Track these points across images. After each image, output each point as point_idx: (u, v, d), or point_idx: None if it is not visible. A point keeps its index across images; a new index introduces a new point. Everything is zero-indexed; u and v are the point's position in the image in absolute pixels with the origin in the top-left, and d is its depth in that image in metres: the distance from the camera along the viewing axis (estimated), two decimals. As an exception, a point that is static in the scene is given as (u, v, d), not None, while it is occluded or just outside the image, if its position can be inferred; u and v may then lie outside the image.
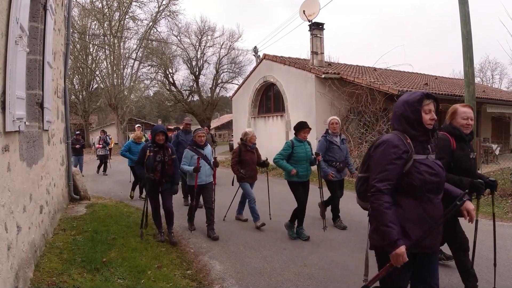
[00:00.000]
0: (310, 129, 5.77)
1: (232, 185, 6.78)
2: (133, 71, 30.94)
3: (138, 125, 11.88)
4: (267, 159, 6.52)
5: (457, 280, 3.72)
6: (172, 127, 12.40)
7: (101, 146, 14.02)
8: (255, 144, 6.56)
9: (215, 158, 6.11)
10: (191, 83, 39.13)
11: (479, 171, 5.23)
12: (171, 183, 5.47)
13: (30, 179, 3.76)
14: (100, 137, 14.49)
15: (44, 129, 4.64)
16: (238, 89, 18.60)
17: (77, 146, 12.76)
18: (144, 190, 7.81)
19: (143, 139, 9.22)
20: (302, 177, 5.56)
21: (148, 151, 5.24)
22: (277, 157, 5.62)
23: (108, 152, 14.44)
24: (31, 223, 3.68)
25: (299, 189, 5.55)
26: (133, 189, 9.07)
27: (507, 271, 4.12)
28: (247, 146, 6.40)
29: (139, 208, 7.54)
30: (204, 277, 4.09)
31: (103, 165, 14.40)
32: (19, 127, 3.06)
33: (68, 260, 4.10)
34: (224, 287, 3.86)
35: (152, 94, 40.05)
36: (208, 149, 5.88)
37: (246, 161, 6.34)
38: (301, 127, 5.63)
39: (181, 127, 9.25)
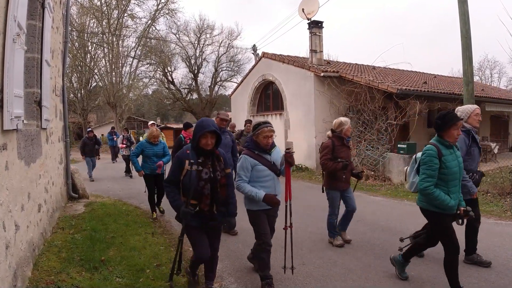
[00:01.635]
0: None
1: (323, 191, 5.14)
2: (132, 69, 30.91)
3: (152, 121, 11.32)
4: (363, 170, 4.98)
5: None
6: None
7: (124, 145, 12.80)
8: (350, 137, 5.25)
9: (288, 150, 3.72)
10: (190, 82, 39.08)
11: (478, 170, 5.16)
12: (226, 215, 3.41)
13: (28, 177, 3.75)
14: (123, 136, 13.29)
15: (42, 127, 4.63)
16: (237, 87, 18.59)
17: (96, 146, 12.20)
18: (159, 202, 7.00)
19: (161, 137, 7.39)
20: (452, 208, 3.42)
21: (187, 162, 3.17)
22: (425, 184, 3.36)
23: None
24: (29, 221, 3.67)
25: (449, 226, 3.43)
26: (153, 207, 6.78)
27: (505, 269, 4.12)
28: (343, 139, 5.04)
29: (138, 207, 7.55)
30: (203, 276, 4.08)
31: (126, 166, 13.02)
32: (17, 125, 3.05)
33: (67, 258, 4.10)
34: (223, 286, 3.86)
35: (151, 92, 40.02)
36: (276, 153, 3.87)
37: (341, 159, 4.91)
38: (451, 120, 3.35)
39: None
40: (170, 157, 6.74)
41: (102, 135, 37.24)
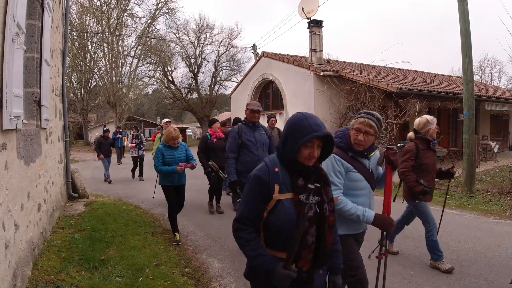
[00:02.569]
0: None
1: (393, 201, 3.91)
2: (132, 69, 30.90)
3: (166, 119, 9.94)
4: (453, 166, 4.34)
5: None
6: (219, 121, 8.65)
7: (134, 145, 11.75)
8: (436, 140, 4.49)
9: (391, 147, 2.77)
10: (190, 81, 39.08)
11: (477, 169, 5.19)
12: (331, 271, 2.03)
13: (28, 177, 3.75)
14: (132, 134, 12.17)
15: (42, 127, 4.63)
16: (237, 86, 18.59)
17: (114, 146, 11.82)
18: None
19: (180, 139, 5.57)
20: None
21: (277, 188, 1.82)
22: None
23: (144, 153, 11.85)
24: (29, 221, 3.67)
25: None
26: (175, 226, 5.36)
27: (504, 268, 4.12)
28: (429, 142, 4.21)
29: (137, 206, 7.56)
30: (202, 275, 4.09)
31: (137, 168, 11.89)
32: (16, 125, 3.05)
33: (66, 258, 4.10)
34: (223, 285, 3.87)
35: (150, 92, 40.12)
36: (375, 159, 2.82)
37: (426, 166, 4.12)
38: None
39: (245, 116, 5.22)
40: (195, 162, 5.55)
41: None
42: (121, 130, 16.97)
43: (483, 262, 4.31)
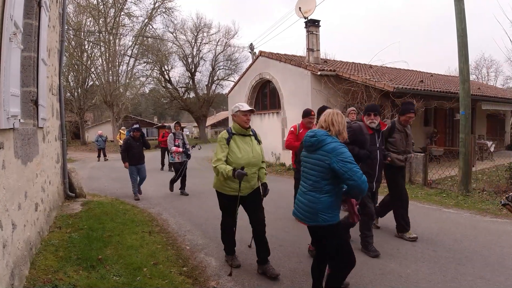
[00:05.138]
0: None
1: None
2: (129, 68, 30.88)
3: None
4: None
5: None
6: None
7: (180, 150, 8.74)
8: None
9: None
10: (187, 80, 39.12)
11: (473, 168, 5.26)
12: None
13: (25, 176, 3.74)
14: (174, 134, 8.92)
15: (39, 126, 4.62)
16: (234, 86, 18.58)
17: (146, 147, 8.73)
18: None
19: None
20: None
21: None
22: None
23: (187, 158, 8.92)
24: (26, 220, 3.67)
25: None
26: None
27: (501, 267, 4.15)
28: None
29: (135, 206, 7.55)
30: (200, 274, 4.10)
31: (179, 177, 8.96)
32: (13, 124, 3.05)
33: (64, 257, 4.10)
34: (220, 284, 3.87)
35: (147, 91, 40.07)
36: None
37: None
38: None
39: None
40: None
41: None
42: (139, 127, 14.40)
43: (480, 261, 4.34)
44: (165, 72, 36.41)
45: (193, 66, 37.83)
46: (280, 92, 14.52)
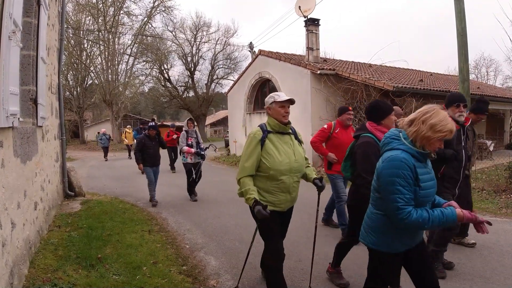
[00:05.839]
0: None
1: None
2: (128, 67, 30.88)
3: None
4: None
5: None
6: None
7: (193, 150, 7.75)
8: None
9: None
10: (186, 79, 39.13)
11: (473, 168, 5.19)
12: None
13: (24, 175, 3.74)
14: (187, 131, 7.95)
15: (38, 125, 4.62)
16: (233, 85, 18.57)
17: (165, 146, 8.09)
18: None
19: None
20: None
21: None
22: None
23: (201, 159, 7.98)
24: (25, 219, 3.66)
25: None
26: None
27: (500, 266, 4.15)
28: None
29: (134, 205, 7.55)
30: (199, 273, 4.10)
31: (194, 181, 8.04)
32: (12, 123, 3.04)
33: (63, 256, 4.10)
34: (220, 283, 3.87)
35: (147, 90, 40.07)
36: None
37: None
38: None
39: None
40: None
41: (98, 133, 37.16)
42: (155, 123, 12.88)
43: (479, 260, 4.35)
44: (164, 71, 36.42)
45: (192, 65, 37.82)
46: (279, 91, 14.51)
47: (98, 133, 33.40)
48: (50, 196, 5.69)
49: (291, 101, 3.16)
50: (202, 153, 7.89)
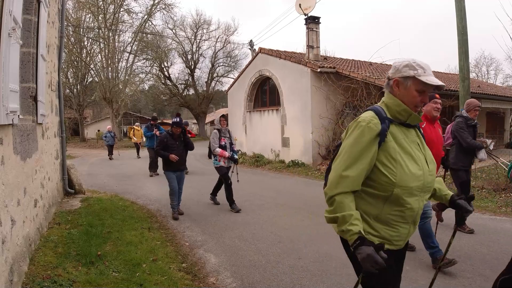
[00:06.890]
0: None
1: None
2: (128, 65, 30.81)
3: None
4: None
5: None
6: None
7: (227, 154, 6.85)
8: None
9: None
10: (187, 77, 39.11)
11: (472, 166, 5.22)
12: None
13: (24, 172, 3.74)
14: (220, 130, 7.05)
15: (38, 122, 4.62)
16: (233, 83, 18.56)
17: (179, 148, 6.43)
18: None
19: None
20: None
21: None
22: None
23: (235, 163, 7.09)
24: (25, 217, 3.67)
25: None
26: None
27: (499, 264, 4.15)
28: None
29: (134, 202, 7.56)
30: (199, 270, 4.11)
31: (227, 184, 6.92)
32: (12, 120, 3.04)
33: (63, 253, 4.10)
34: (219, 280, 3.88)
35: (147, 88, 40.03)
36: None
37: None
38: None
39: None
40: None
41: (99, 130, 37.21)
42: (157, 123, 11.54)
43: (478, 258, 4.35)
44: (164, 68, 36.39)
45: (192, 63, 37.79)
46: (279, 89, 14.51)
47: (99, 130, 33.49)
48: (50, 193, 5.69)
49: (439, 88, 1.89)
50: (236, 157, 7.01)
